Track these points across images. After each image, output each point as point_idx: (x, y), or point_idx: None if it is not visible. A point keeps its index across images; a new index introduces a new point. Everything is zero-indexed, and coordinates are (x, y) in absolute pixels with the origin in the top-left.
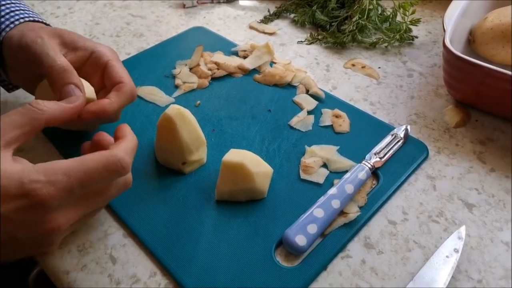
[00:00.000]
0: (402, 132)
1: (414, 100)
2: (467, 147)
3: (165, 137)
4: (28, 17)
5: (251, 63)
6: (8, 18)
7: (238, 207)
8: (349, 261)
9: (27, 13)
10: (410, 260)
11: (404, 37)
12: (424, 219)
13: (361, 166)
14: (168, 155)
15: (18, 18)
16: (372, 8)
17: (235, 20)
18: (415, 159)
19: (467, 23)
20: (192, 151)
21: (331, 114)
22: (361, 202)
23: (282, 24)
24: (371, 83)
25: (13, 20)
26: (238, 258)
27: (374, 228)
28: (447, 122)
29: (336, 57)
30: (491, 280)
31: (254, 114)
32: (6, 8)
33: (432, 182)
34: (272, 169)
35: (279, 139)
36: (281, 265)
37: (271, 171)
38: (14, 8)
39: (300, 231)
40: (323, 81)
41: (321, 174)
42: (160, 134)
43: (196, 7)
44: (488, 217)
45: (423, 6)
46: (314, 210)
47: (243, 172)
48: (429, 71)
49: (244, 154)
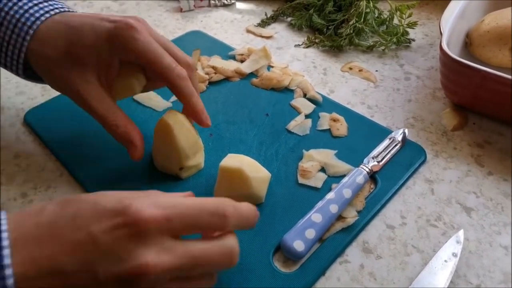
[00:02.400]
0: (400, 136)
1: (412, 103)
2: (465, 150)
3: (162, 142)
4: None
5: (248, 67)
6: (32, 13)
7: None
8: (347, 266)
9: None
10: (408, 265)
11: (401, 40)
12: (423, 223)
13: (359, 170)
14: (165, 160)
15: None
16: (369, 11)
17: (232, 24)
18: (413, 162)
19: (464, 26)
20: (189, 156)
21: (329, 118)
22: (359, 206)
23: (279, 27)
24: (368, 86)
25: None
26: (236, 263)
27: (372, 233)
28: (445, 125)
29: (333, 60)
30: (490, 284)
31: (252, 118)
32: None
33: (430, 186)
34: (269, 174)
35: (277, 144)
36: (279, 270)
37: (268, 176)
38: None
39: (298, 236)
40: (320, 85)
41: (319, 178)
42: (157, 139)
43: (193, 11)
44: (487, 220)
45: (419, 9)
46: (312, 215)
47: (241, 178)
48: (426, 74)
49: (242, 159)
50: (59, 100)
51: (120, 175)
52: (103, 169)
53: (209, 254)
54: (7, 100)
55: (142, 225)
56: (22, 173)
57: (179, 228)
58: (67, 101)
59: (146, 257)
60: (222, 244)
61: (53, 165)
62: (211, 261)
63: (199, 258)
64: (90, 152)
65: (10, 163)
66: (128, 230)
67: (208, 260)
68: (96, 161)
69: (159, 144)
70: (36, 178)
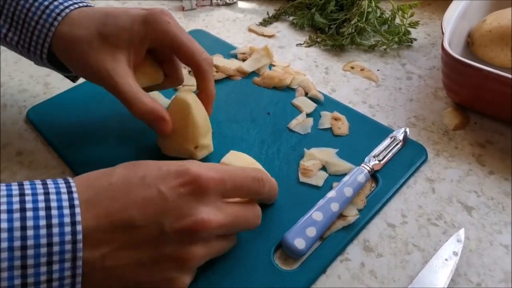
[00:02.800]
0: (401, 135)
1: (413, 102)
2: (466, 150)
3: (178, 122)
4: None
5: (250, 66)
6: (52, 9)
7: None
8: (348, 264)
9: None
10: (409, 263)
11: (403, 39)
12: (423, 222)
13: (360, 169)
14: (179, 140)
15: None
16: (371, 10)
17: (234, 23)
18: (414, 162)
19: (466, 26)
20: (205, 135)
21: (330, 117)
22: (360, 205)
23: (281, 26)
24: (370, 85)
25: (55, 16)
26: (237, 261)
27: (373, 231)
28: (446, 125)
29: (335, 59)
30: (491, 283)
31: (254, 117)
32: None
33: (431, 185)
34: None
35: (278, 142)
36: (280, 268)
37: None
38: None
39: (299, 234)
40: (322, 84)
41: (320, 177)
42: (171, 118)
43: (195, 9)
44: (487, 220)
45: (421, 9)
46: (313, 213)
47: None
48: (428, 73)
49: (244, 158)
50: (62, 97)
51: None
52: (107, 166)
53: (247, 216)
54: (9, 97)
55: (204, 184)
56: (25, 170)
57: (230, 190)
58: (70, 98)
59: (205, 213)
60: (254, 208)
61: (55, 162)
62: (248, 222)
63: (241, 218)
64: (93, 149)
65: (12, 160)
66: (191, 188)
67: (246, 221)
68: (99, 158)
69: (174, 123)
70: (39, 175)
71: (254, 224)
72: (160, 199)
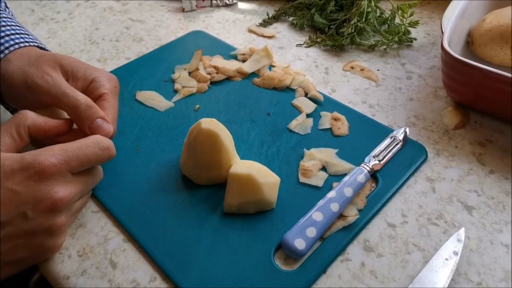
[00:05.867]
0: (401, 135)
1: (413, 102)
2: (466, 149)
3: (208, 153)
4: (20, 43)
5: (250, 66)
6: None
7: None
8: (348, 264)
9: (17, 38)
10: (409, 263)
11: (403, 39)
12: (424, 221)
13: (360, 169)
14: (213, 169)
15: (8, 46)
16: (371, 10)
17: (234, 24)
18: (414, 161)
19: (466, 25)
20: (234, 154)
21: (330, 117)
22: (360, 205)
23: (281, 27)
24: (370, 85)
25: (3, 49)
26: (237, 262)
27: (374, 231)
28: (446, 124)
29: (335, 59)
30: (491, 282)
31: (253, 118)
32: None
33: (431, 185)
34: (279, 179)
35: (278, 143)
36: (281, 268)
37: (278, 180)
38: (5, 33)
39: (299, 234)
40: (322, 84)
41: (320, 177)
42: (199, 151)
43: (195, 11)
44: (488, 219)
45: (421, 8)
46: (313, 213)
47: (251, 184)
48: (428, 73)
49: (251, 165)
50: None
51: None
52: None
53: (95, 165)
54: None
55: (48, 171)
56: None
57: (77, 166)
58: None
59: (56, 192)
60: (96, 148)
61: None
62: (97, 164)
63: (90, 176)
64: None
65: None
66: (37, 178)
67: (96, 174)
68: None
69: (205, 154)
70: None
71: (106, 159)
72: (14, 195)
